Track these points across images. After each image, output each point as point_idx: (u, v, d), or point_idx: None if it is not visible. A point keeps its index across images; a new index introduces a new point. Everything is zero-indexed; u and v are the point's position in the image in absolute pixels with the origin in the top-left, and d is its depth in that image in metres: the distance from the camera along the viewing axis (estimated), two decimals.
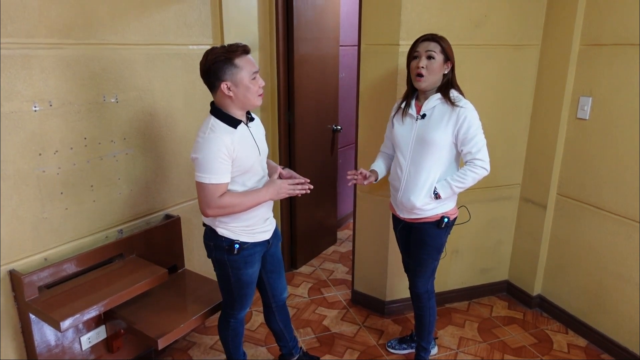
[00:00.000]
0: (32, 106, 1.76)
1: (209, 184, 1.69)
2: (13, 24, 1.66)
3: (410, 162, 2.04)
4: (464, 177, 1.98)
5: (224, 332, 2.11)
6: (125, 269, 2.08)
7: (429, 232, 2.09)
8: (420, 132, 2.00)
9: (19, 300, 1.83)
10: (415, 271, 2.19)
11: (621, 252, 2.37)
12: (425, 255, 2.14)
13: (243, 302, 2.02)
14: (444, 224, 2.06)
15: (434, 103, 1.98)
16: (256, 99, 1.76)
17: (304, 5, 2.97)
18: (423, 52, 1.93)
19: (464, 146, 1.97)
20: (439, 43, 1.93)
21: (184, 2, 2.27)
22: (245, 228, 1.86)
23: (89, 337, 2.09)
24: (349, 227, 4.22)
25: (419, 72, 1.94)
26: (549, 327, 2.75)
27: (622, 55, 2.24)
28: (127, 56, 2.07)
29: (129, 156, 2.16)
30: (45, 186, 1.85)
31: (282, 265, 2.17)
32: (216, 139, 1.68)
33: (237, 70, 1.69)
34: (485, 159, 1.97)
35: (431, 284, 2.24)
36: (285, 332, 2.27)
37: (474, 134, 1.94)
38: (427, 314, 2.26)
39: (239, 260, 1.88)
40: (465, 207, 2.32)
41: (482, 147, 1.97)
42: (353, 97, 2.78)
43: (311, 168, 3.32)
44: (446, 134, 1.96)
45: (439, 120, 1.96)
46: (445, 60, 1.95)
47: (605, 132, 2.37)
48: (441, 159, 2.00)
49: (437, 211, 2.06)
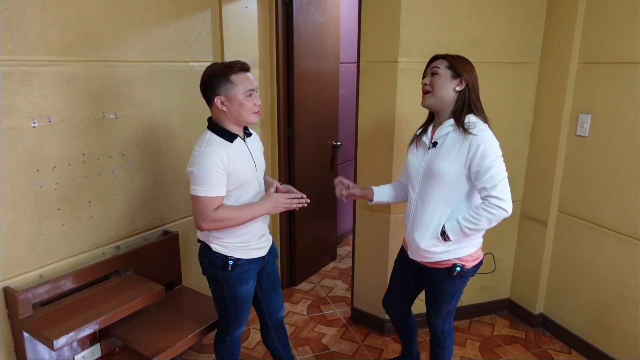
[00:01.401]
0: (31, 122, 1.76)
1: (204, 197, 1.69)
2: (14, 42, 1.67)
3: (417, 196, 1.86)
4: (477, 217, 1.71)
5: (220, 350, 2.08)
6: (122, 285, 2.05)
7: (440, 278, 1.87)
8: (430, 163, 1.80)
9: (12, 318, 1.80)
10: (431, 312, 2.01)
11: (623, 270, 2.35)
12: (440, 301, 1.94)
13: (239, 319, 1.99)
14: (456, 273, 1.82)
15: (447, 130, 1.78)
16: (250, 116, 1.77)
17: (304, 23, 3.00)
18: (429, 71, 1.83)
19: (477, 180, 1.71)
20: (447, 59, 1.79)
21: (184, 20, 2.29)
22: (239, 244, 1.85)
23: (84, 356, 2.06)
24: (348, 244, 4.20)
25: (424, 89, 1.82)
26: (551, 346, 2.71)
27: (621, 73, 2.25)
28: (127, 73, 2.08)
29: (128, 172, 2.16)
30: (42, 202, 1.84)
31: (279, 282, 2.14)
32: (212, 152, 1.69)
33: (231, 86, 1.72)
34: (503, 197, 1.67)
35: (448, 324, 2.03)
36: (283, 352, 2.23)
37: (489, 166, 1.67)
38: (441, 352, 2.06)
39: (234, 277, 1.87)
40: (492, 254, 2.05)
41: (500, 182, 1.67)
42: (353, 113, 2.78)
43: (311, 184, 3.32)
44: (457, 165, 1.73)
45: (449, 149, 1.75)
46: (455, 76, 1.77)
47: (604, 149, 2.36)
48: (451, 194, 1.77)
49: (448, 256, 1.81)
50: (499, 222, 1.74)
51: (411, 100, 2.41)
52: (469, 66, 1.80)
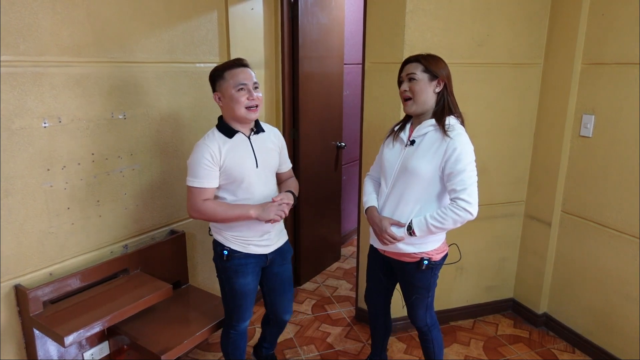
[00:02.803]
0: (41, 122, 1.79)
1: (192, 187, 1.81)
2: (25, 43, 1.70)
3: (390, 190, 1.88)
4: (443, 216, 1.74)
5: (224, 343, 2.13)
6: (130, 284, 2.08)
7: (410, 272, 1.93)
8: (406, 160, 1.83)
9: (23, 315, 1.83)
10: (410, 306, 2.04)
11: (626, 270, 2.36)
12: (414, 294, 1.98)
13: (239, 313, 2.03)
14: (424, 266, 1.87)
15: (426, 129, 1.81)
16: (242, 110, 1.80)
17: (309, 24, 3.02)
18: (405, 76, 1.82)
19: (449, 182, 1.75)
20: (420, 62, 1.78)
21: (191, 21, 2.32)
22: (236, 237, 1.91)
23: (92, 353, 2.08)
24: (352, 244, 4.21)
25: (404, 96, 1.83)
26: (555, 346, 2.72)
27: (624, 74, 2.26)
28: (136, 74, 2.11)
29: (136, 172, 2.18)
30: (52, 201, 1.87)
31: (288, 286, 2.15)
32: (202, 146, 1.81)
33: (223, 82, 1.81)
34: (470, 201, 1.71)
35: (430, 316, 2.06)
36: (270, 337, 2.36)
37: (462, 169, 1.72)
38: (430, 345, 2.10)
39: (230, 268, 1.94)
40: (456, 245, 2.12)
41: (470, 186, 1.72)
42: (357, 114, 2.81)
43: (315, 184, 3.34)
44: (432, 165, 1.77)
45: (427, 149, 1.78)
46: (432, 78, 1.78)
47: (608, 150, 2.38)
48: (423, 192, 1.81)
49: (414, 249, 1.87)
50: (463, 224, 1.78)
51: None
52: (442, 63, 1.81)
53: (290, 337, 2.79)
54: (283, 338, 2.77)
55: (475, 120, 2.59)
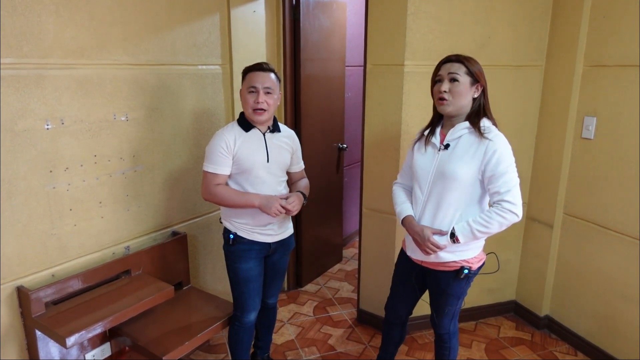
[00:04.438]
0: (44, 124, 1.80)
1: (207, 171, 1.96)
2: (29, 45, 1.71)
3: (427, 197, 1.82)
4: (488, 220, 1.70)
5: (230, 335, 2.20)
6: (132, 285, 2.08)
7: (446, 280, 1.87)
8: (442, 165, 1.77)
9: (25, 316, 1.84)
10: (437, 313, 1.99)
11: (628, 272, 2.35)
12: (446, 303, 1.93)
13: (242, 301, 2.09)
14: (463, 275, 1.82)
15: (460, 132, 1.77)
16: (249, 111, 1.95)
17: (311, 27, 3.03)
18: (445, 75, 1.74)
19: (491, 184, 1.71)
20: (464, 64, 1.73)
21: (194, 24, 2.33)
22: (243, 224, 2.03)
23: (94, 355, 2.09)
24: (354, 246, 4.21)
25: (440, 96, 1.75)
26: (557, 348, 2.71)
27: (626, 75, 2.26)
28: (138, 76, 2.12)
29: (138, 173, 2.19)
30: (54, 203, 1.88)
31: (281, 274, 2.27)
32: (220, 135, 1.96)
33: (244, 82, 1.97)
34: (515, 202, 1.69)
35: (454, 324, 2.02)
36: (261, 334, 2.39)
37: (504, 171, 1.69)
38: (447, 353, 2.05)
39: (235, 253, 2.05)
40: (495, 254, 2.08)
41: (514, 187, 1.70)
42: (359, 116, 2.81)
43: (317, 186, 3.34)
44: (471, 169, 1.72)
45: (464, 152, 1.74)
46: (473, 82, 1.74)
47: (610, 152, 2.37)
48: (463, 197, 1.76)
49: (454, 257, 1.81)
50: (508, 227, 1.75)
51: (417, 103, 2.44)
52: (482, 69, 1.78)
53: (291, 339, 2.79)
54: (284, 339, 2.78)
55: None
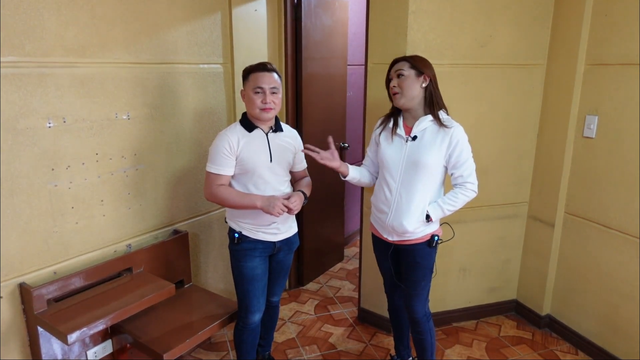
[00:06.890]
0: (46, 122, 1.81)
1: (209, 172, 1.97)
2: (31, 44, 1.72)
3: (400, 184, 2.02)
4: (455, 199, 2.00)
5: (234, 335, 2.21)
6: (133, 283, 2.09)
7: (420, 252, 2.07)
8: (412, 155, 1.98)
9: (27, 313, 1.85)
10: (412, 296, 2.14)
11: (630, 271, 2.35)
12: (420, 277, 2.10)
13: (246, 301, 2.10)
14: (435, 243, 2.06)
15: (425, 125, 1.98)
16: (255, 111, 1.95)
17: (313, 26, 3.03)
18: (393, 73, 2.00)
19: (455, 169, 1.98)
20: (407, 60, 1.97)
21: (195, 22, 2.34)
22: (247, 224, 2.05)
23: (95, 351, 2.10)
24: (355, 245, 4.22)
25: (393, 91, 2.00)
26: (558, 347, 2.71)
27: (627, 74, 2.26)
28: (140, 74, 2.12)
29: (139, 172, 2.20)
30: (56, 200, 1.89)
31: (285, 273, 2.27)
32: (223, 136, 1.96)
33: (247, 82, 1.98)
34: (475, 182, 2.00)
35: (427, 306, 2.19)
36: (263, 332, 2.37)
37: (467, 157, 1.97)
38: (428, 336, 2.20)
39: (239, 251, 2.06)
40: (448, 224, 2.24)
41: (473, 170, 2.00)
42: (360, 115, 2.81)
43: (318, 185, 3.33)
44: (439, 157, 1.96)
45: (431, 142, 1.96)
46: (418, 74, 1.95)
47: (611, 151, 2.37)
48: (432, 182, 2.00)
49: (426, 231, 2.05)
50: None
51: None
52: (426, 62, 1.99)
53: (292, 337, 2.79)
54: (285, 338, 2.78)
55: (479, 120, 2.59)
